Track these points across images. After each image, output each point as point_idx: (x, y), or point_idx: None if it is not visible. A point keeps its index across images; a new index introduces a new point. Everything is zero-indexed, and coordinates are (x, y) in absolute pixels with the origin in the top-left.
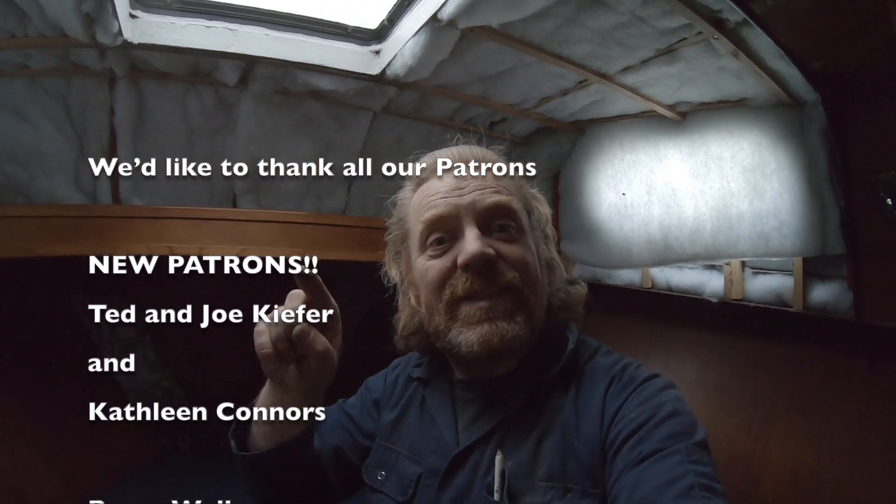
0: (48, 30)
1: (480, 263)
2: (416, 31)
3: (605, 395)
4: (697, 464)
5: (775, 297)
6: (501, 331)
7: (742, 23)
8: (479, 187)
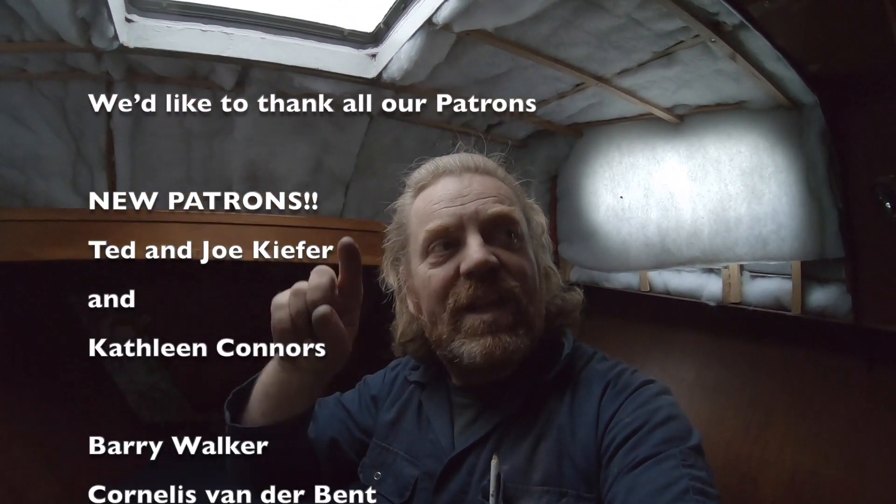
0: (45, 34)
1: (484, 271)
2: (411, 35)
3: (600, 400)
4: (692, 468)
5: (773, 301)
6: (504, 344)
7: (739, 25)
8: (481, 196)
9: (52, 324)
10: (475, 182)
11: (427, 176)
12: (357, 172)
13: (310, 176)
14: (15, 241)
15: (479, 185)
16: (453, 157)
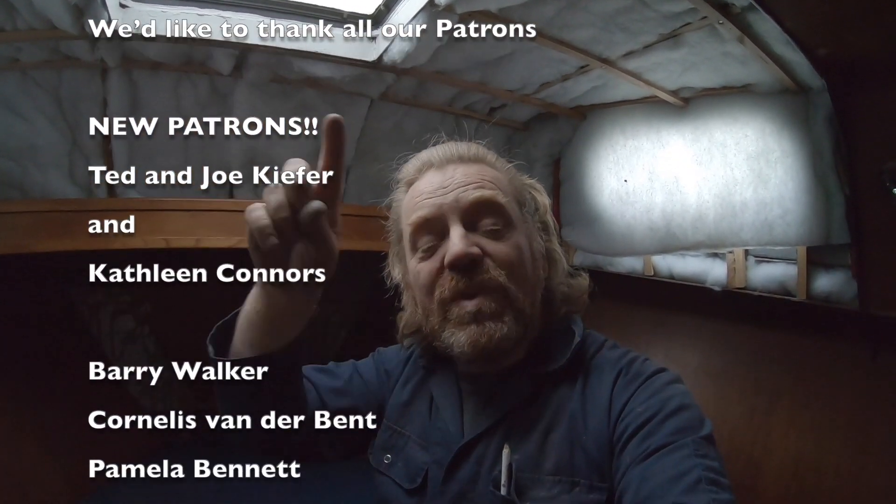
0: (38, 22)
1: (465, 263)
2: (413, 17)
3: (612, 388)
4: (705, 458)
5: (778, 286)
6: (489, 331)
7: (748, 8)
8: (462, 184)
9: (52, 315)
10: (458, 171)
11: (413, 170)
12: (358, 157)
13: (310, 161)
14: (13, 233)
15: (462, 174)
16: (438, 149)
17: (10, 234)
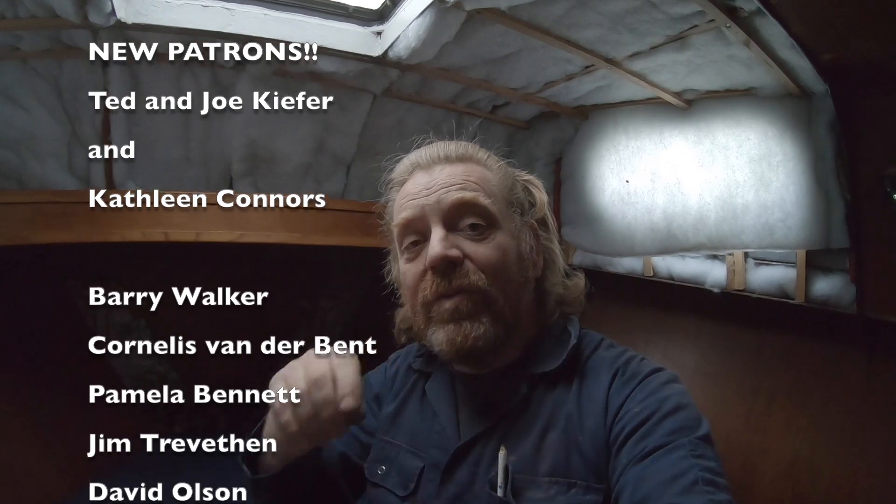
0: (39, 10)
1: (443, 265)
2: (420, 13)
3: (608, 389)
4: (701, 458)
5: (777, 289)
6: (465, 331)
7: (756, 12)
8: (445, 185)
9: (48, 308)
10: (444, 172)
11: (403, 171)
12: (359, 153)
13: (311, 156)
14: (10, 224)
15: (447, 175)
16: (427, 150)
17: (7, 226)
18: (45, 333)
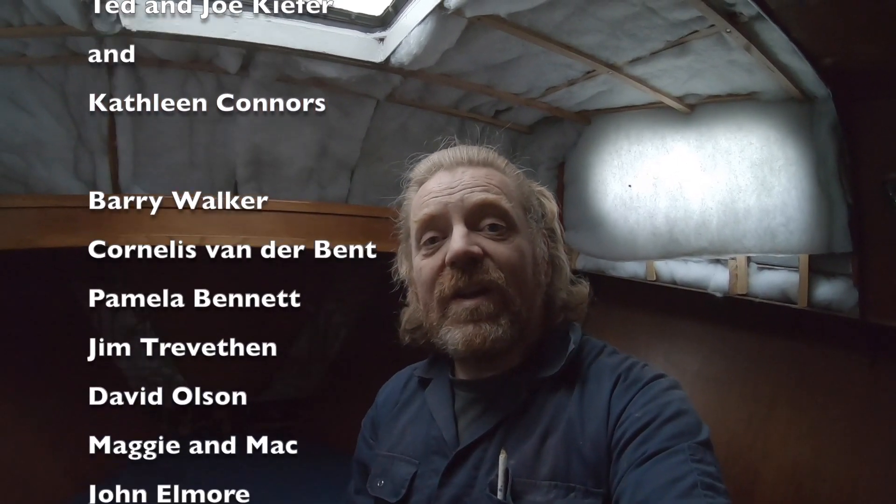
0: (45, 18)
1: (465, 261)
2: (421, 19)
3: (610, 394)
4: (700, 463)
5: (780, 294)
6: (484, 332)
7: (755, 17)
8: (468, 185)
9: (54, 310)
10: (466, 174)
11: (425, 171)
12: (363, 158)
13: (315, 161)
14: (16, 228)
15: (470, 177)
16: (450, 151)
17: (14, 229)
18: (51, 335)
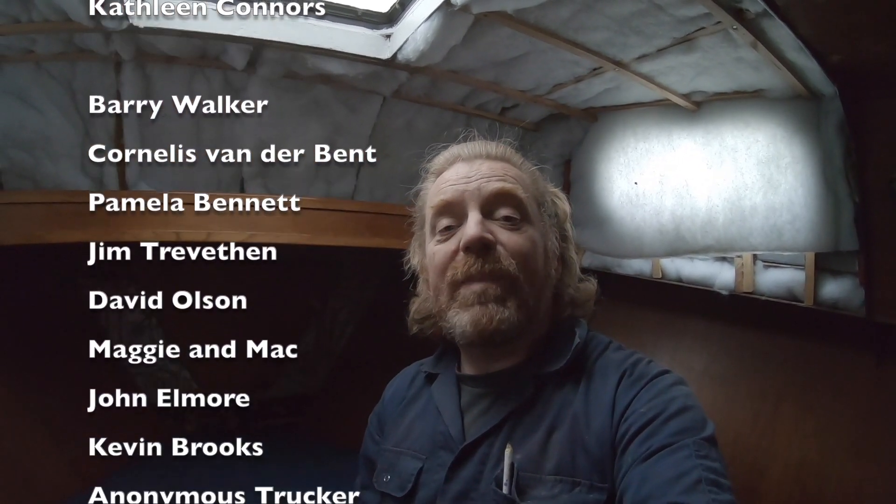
0: (52, 14)
1: (479, 246)
2: (428, 16)
3: (615, 389)
4: (705, 459)
5: (786, 292)
6: (491, 312)
7: (762, 13)
8: (486, 175)
9: (61, 306)
10: (484, 166)
11: (443, 162)
12: None
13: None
14: (24, 223)
15: (487, 168)
16: (468, 144)
17: (22, 225)
18: (57, 331)
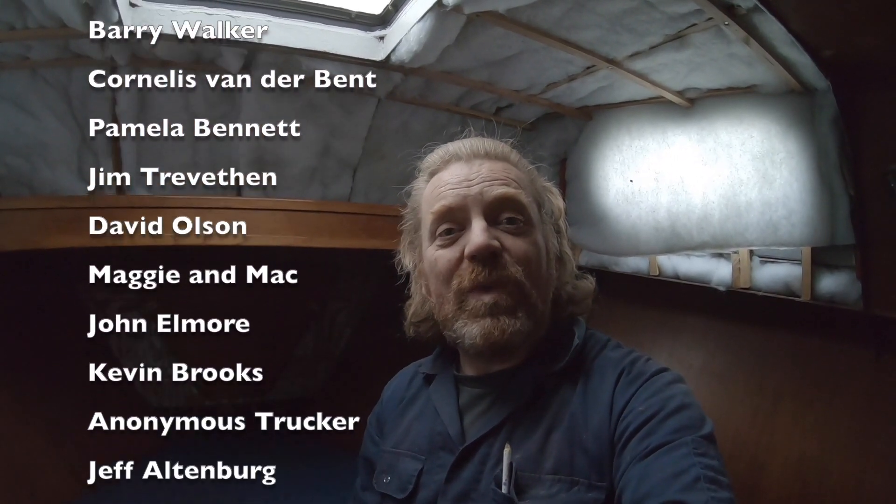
0: (48, 20)
1: (486, 255)
2: (421, 17)
3: (613, 388)
4: (704, 456)
5: (783, 287)
6: (503, 325)
7: (753, 9)
8: (487, 178)
9: (59, 311)
10: (484, 167)
11: (438, 161)
12: (365, 156)
13: (317, 160)
14: (22, 229)
15: (487, 170)
16: (465, 142)
17: (19, 231)
18: (57, 336)
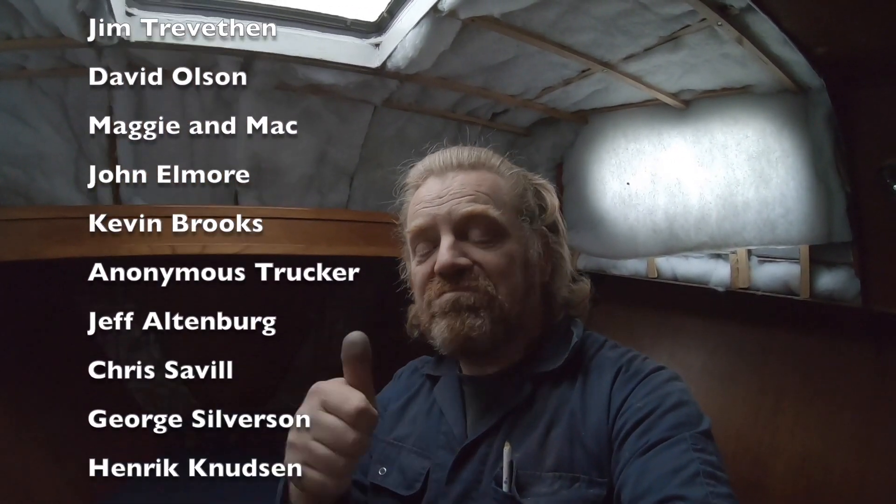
0: (44, 30)
1: (451, 272)
2: (416, 23)
3: (611, 386)
4: (702, 452)
5: (782, 286)
6: (463, 319)
7: (746, 9)
8: (457, 195)
9: (57, 322)
10: (456, 180)
11: (417, 176)
12: (362, 163)
13: (314, 168)
14: (19, 240)
15: (459, 184)
16: (439, 155)
17: (17, 241)
18: (54, 347)
